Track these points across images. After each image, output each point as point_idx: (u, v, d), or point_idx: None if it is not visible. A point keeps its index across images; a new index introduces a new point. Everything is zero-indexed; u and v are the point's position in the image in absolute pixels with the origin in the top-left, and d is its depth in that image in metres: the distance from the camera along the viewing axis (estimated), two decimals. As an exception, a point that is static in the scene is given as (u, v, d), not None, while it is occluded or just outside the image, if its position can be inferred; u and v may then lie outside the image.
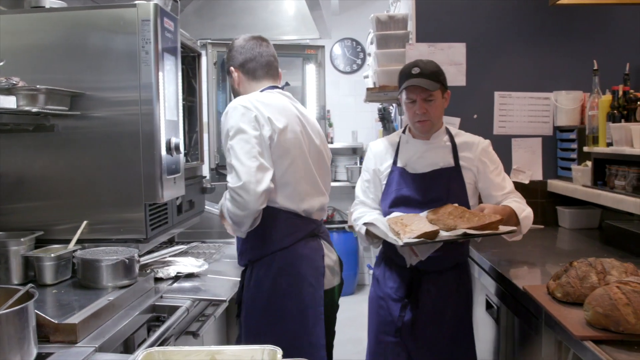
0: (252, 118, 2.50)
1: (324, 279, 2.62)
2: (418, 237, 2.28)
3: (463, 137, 2.87)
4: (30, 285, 1.81)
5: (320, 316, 2.59)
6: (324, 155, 2.82)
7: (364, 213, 2.84)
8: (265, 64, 2.78)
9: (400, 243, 2.32)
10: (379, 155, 2.92)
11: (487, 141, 2.89)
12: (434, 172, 2.77)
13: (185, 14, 4.49)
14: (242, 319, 2.67)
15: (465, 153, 2.81)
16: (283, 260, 2.58)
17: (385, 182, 2.85)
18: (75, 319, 1.94)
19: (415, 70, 2.68)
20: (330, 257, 2.72)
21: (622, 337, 1.81)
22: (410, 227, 2.39)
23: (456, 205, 2.63)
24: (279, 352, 1.39)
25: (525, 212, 2.69)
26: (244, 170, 2.43)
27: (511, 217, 2.64)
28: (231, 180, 2.47)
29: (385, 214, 2.79)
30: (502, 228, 2.42)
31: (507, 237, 2.66)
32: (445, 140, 2.83)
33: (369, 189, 2.93)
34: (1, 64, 2.08)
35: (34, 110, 2.21)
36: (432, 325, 2.75)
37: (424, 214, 2.65)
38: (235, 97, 2.79)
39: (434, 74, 2.71)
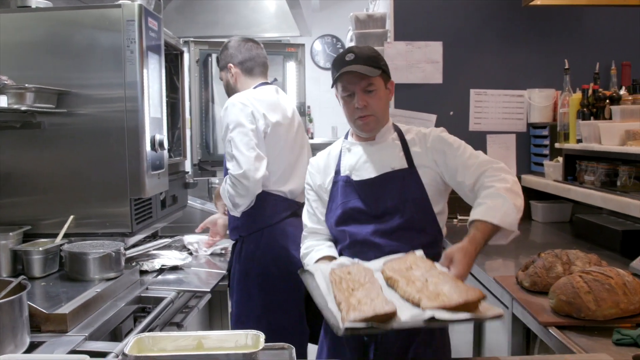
0: (249, 113, 2.84)
1: None
2: (366, 319, 1.56)
3: (412, 132, 2.36)
4: (22, 277, 1.89)
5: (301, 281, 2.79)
6: (304, 142, 3.18)
7: (311, 248, 2.36)
8: (262, 64, 3.15)
9: (341, 329, 1.57)
10: (320, 169, 2.42)
11: (440, 128, 2.39)
12: (384, 175, 2.27)
13: (167, 12, 4.54)
14: (235, 286, 2.95)
15: (417, 148, 2.30)
16: (270, 236, 2.95)
17: (329, 192, 2.38)
18: (65, 309, 2.03)
19: (350, 57, 2.22)
20: None
21: (583, 323, 1.93)
22: (358, 295, 1.71)
23: (420, 256, 2.04)
24: (262, 336, 1.48)
25: (502, 209, 2.04)
26: (244, 160, 2.77)
27: (486, 233, 2.02)
28: (232, 168, 2.78)
29: (333, 234, 2.36)
30: (484, 309, 1.66)
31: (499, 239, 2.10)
32: (394, 137, 2.32)
33: (316, 211, 2.41)
34: (-7, 64, 2.14)
35: (23, 108, 2.28)
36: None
37: (379, 264, 2.04)
38: (228, 91, 3.16)
39: (371, 59, 2.24)
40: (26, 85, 2.32)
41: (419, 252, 2.07)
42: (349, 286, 1.79)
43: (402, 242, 2.17)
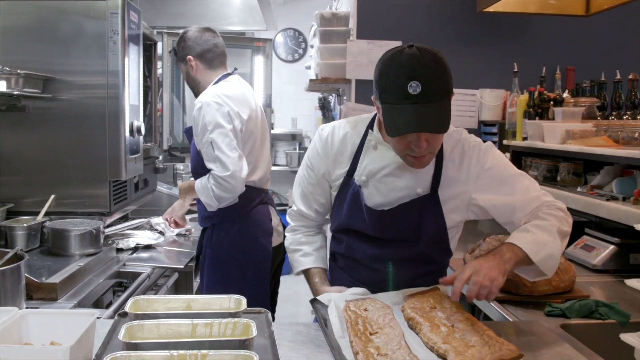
0: (225, 113, 2.83)
1: (272, 238, 3.06)
2: None
3: (453, 144, 1.98)
4: (18, 247, 2.06)
5: (267, 267, 3.04)
6: (266, 130, 3.25)
7: (299, 247, 2.18)
8: (220, 54, 3.12)
9: None
10: (330, 154, 2.04)
11: (486, 145, 2.06)
12: (400, 208, 1.95)
13: (136, 1, 4.68)
14: (205, 271, 3.04)
15: (453, 172, 1.95)
16: (241, 225, 3.00)
17: (336, 193, 2.06)
18: (55, 279, 2.21)
19: (414, 89, 1.69)
20: (275, 220, 3.14)
21: (520, 298, 2.21)
22: (377, 342, 1.55)
23: (445, 293, 1.87)
24: (244, 300, 1.69)
25: (548, 250, 1.80)
26: (229, 161, 2.78)
27: (519, 260, 1.80)
28: (217, 169, 2.80)
29: (331, 233, 2.15)
30: None
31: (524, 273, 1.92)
32: None
33: (310, 196, 2.12)
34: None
35: (16, 93, 2.44)
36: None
37: (399, 298, 1.89)
38: (189, 82, 3.16)
39: (440, 88, 1.76)
40: (18, 71, 2.46)
41: (444, 289, 1.91)
42: (366, 328, 1.63)
43: (403, 270, 1.99)
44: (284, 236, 2.60)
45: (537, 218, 1.88)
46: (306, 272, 2.13)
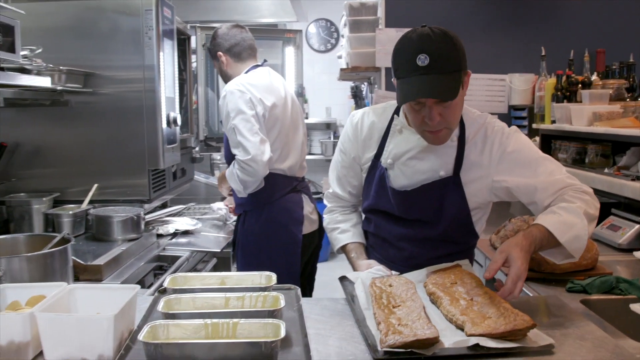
0: (247, 99, 2.93)
1: (302, 226, 3.13)
2: (406, 345, 1.45)
3: (477, 128, 2.01)
4: (65, 232, 2.20)
5: (297, 255, 3.12)
6: (299, 119, 3.29)
7: (337, 226, 2.27)
8: (248, 47, 3.24)
9: (379, 352, 1.48)
10: (360, 139, 2.13)
11: (510, 129, 2.04)
12: (422, 189, 2.01)
13: (171, -3, 4.83)
14: (239, 257, 3.18)
15: (475, 156, 2.00)
16: (269, 212, 3.09)
17: (365, 175, 2.16)
18: (100, 261, 2.36)
19: (423, 61, 1.78)
20: (308, 208, 3.20)
21: (543, 275, 2.27)
22: (399, 314, 1.62)
23: (467, 269, 1.94)
24: (274, 276, 1.80)
25: (575, 231, 1.82)
26: (250, 145, 2.88)
27: (545, 242, 1.83)
28: (240, 154, 2.91)
29: (363, 213, 2.26)
30: (534, 336, 1.53)
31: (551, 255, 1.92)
32: (453, 138, 2.00)
33: (343, 179, 2.23)
34: (39, 51, 2.43)
35: (59, 88, 2.59)
36: None
37: (422, 275, 1.95)
38: (223, 77, 3.30)
39: (450, 60, 1.81)
40: (60, 67, 2.61)
41: (465, 264, 1.98)
42: (389, 302, 1.70)
43: (427, 249, 2.04)
44: (320, 224, 2.89)
45: (563, 201, 1.89)
46: (344, 248, 2.22)
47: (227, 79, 3.22)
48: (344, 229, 2.24)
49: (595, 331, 1.63)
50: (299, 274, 3.17)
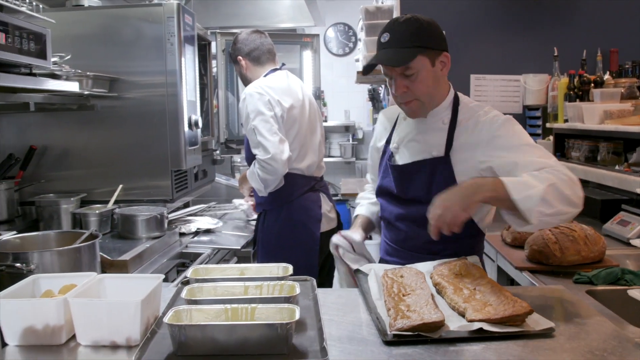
0: (266, 101, 3.07)
1: (320, 224, 3.24)
2: (413, 328, 1.54)
3: (468, 114, 2.15)
4: (92, 229, 2.32)
5: (315, 252, 3.22)
6: (317, 120, 3.41)
7: (359, 201, 2.60)
8: (267, 51, 3.37)
9: (388, 335, 1.57)
10: (380, 129, 2.42)
11: (504, 118, 2.10)
12: (417, 163, 2.17)
13: (190, 5, 4.95)
14: (259, 254, 3.30)
15: (464, 138, 2.12)
16: (288, 211, 3.21)
17: (379, 160, 2.39)
18: (126, 257, 2.47)
19: (384, 38, 2.04)
20: (326, 206, 3.32)
21: (551, 268, 2.35)
22: (408, 301, 1.71)
23: (473, 262, 2.04)
24: (290, 267, 1.91)
25: (530, 192, 1.82)
26: (270, 144, 3.01)
27: (500, 194, 1.85)
28: (260, 153, 3.04)
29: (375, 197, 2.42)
30: (533, 322, 1.61)
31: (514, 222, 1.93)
32: (445, 120, 2.16)
33: (371, 166, 2.51)
34: (67, 57, 2.55)
35: (86, 92, 2.71)
36: None
37: (431, 267, 2.05)
38: (242, 80, 3.43)
39: (409, 37, 2.01)
40: (87, 73, 2.74)
41: (473, 258, 2.09)
42: (400, 291, 1.80)
43: (422, 231, 1.99)
44: (338, 222, 3.17)
45: (535, 171, 1.91)
46: (355, 218, 2.50)
47: (246, 82, 3.34)
48: (361, 204, 2.54)
49: (596, 316, 1.71)
50: (318, 270, 3.26)
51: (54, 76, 2.43)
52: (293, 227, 3.21)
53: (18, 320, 1.53)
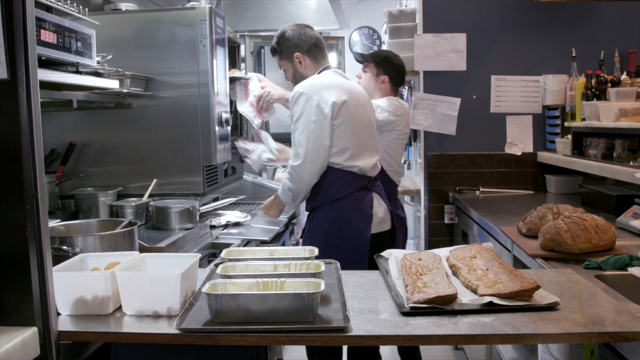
0: (313, 105, 2.95)
1: (371, 224, 3.08)
2: (429, 301, 1.70)
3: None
4: (131, 217, 2.49)
5: (365, 253, 3.05)
6: (371, 119, 3.24)
7: None
8: (323, 48, 3.26)
9: (406, 308, 1.73)
10: None
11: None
12: None
13: (220, 8, 5.14)
14: None
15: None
16: (338, 209, 3.05)
17: None
18: (161, 244, 2.64)
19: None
20: (379, 207, 3.15)
21: (563, 255, 2.47)
22: (425, 279, 1.88)
23: (486, 246, 2.24)
24: (316, 250, 2.06)
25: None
26: (303, 151, 2.94)
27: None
28: (292, 159, 3.00)
29: None
30: (540, 297, 1.76)
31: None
32: None
33: None
34: (109, 57, 2.73)
35: (125, 90, 2.89)
36: None
37: (447, 252, 2.27)
38: (296, 80, 3.25)
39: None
40: (126, 72, 2.92)
41: (487, 244, 2.28)
42: (417, 271, 1.96)
43: None
44: (392, 225, 3.14)
45: None
46: None
47: (299, 79, 3.21)
48: None
49: (600, 294, 1.83)
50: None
51: (97, 74, 2.60)
52: (342, 225, 3.06)
53: (70, 291, 1.69)
